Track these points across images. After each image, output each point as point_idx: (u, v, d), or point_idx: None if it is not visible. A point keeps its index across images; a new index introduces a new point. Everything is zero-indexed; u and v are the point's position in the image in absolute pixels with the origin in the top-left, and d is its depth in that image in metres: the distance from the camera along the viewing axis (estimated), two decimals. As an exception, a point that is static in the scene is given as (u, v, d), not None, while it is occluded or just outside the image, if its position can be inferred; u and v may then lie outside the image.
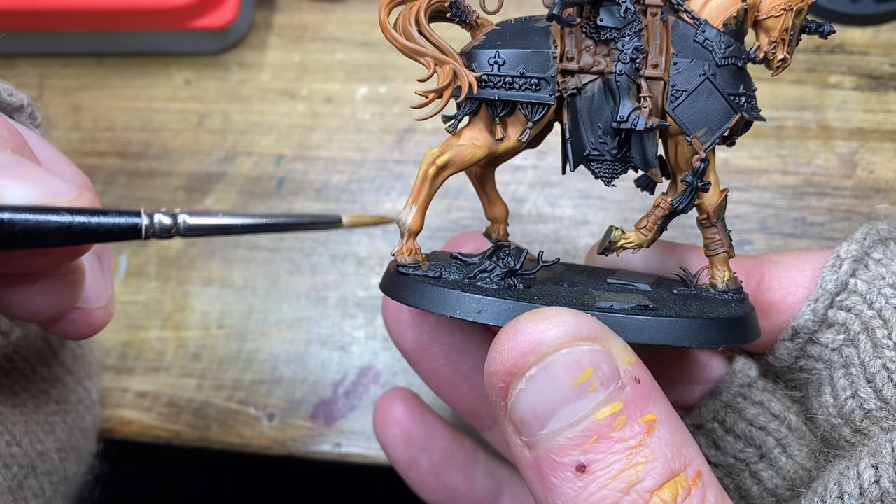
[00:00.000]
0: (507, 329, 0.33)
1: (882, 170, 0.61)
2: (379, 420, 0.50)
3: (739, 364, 0.44)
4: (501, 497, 0.50)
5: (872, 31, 0.64)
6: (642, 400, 0.32)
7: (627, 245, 0.40)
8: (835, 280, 0.41)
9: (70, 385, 0.52)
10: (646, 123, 0.38)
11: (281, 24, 0.72)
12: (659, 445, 0.31)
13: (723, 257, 0.41)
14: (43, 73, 0.73)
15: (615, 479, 0.30)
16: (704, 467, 0.32)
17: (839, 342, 0.41)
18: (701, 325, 0.36)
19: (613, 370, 0.32)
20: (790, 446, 0.42)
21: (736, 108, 0.38)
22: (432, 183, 0.40)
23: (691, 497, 0.31)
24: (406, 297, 0.38)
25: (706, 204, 0.40)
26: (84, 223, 0.32)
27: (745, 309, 0.39)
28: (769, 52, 0.39)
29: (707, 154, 0.39)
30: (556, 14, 0.37)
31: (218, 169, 0.68)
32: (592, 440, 0.31)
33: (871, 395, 0.39)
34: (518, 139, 0.40)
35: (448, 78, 0.39)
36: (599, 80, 0.39)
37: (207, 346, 0.63)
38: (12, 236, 0.32)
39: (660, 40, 0.39)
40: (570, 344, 0.32)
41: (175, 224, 0.34)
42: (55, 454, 0.49)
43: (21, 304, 0.37)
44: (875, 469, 0.34)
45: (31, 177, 0.33)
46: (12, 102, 0.44)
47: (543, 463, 0.31)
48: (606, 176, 0.41)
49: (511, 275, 0.38)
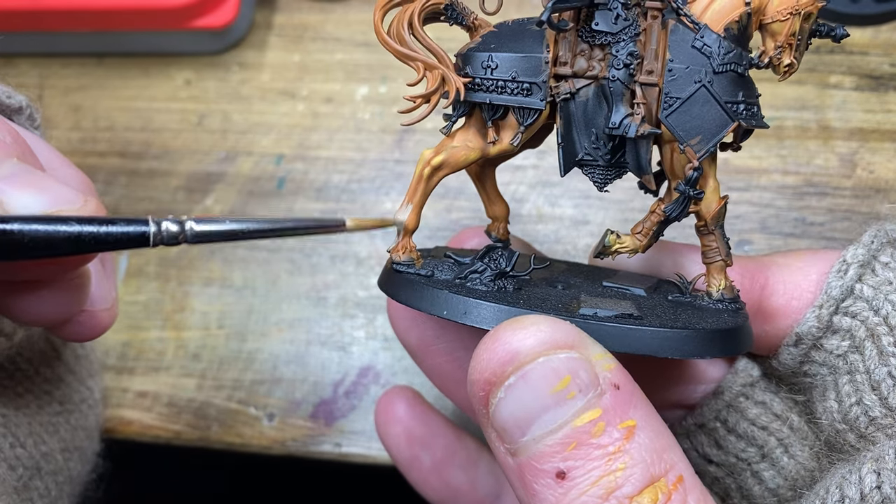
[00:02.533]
0: (487, 339, 0.33)
1: (882, 170, 0.61)
2: (381, 418, 0.50)
3: (742, 364, 0.44)
4: (503, 495, 0.50)
5: (872, 31, 0.64)
6: (622, 406, 0.32)
7: (622, 250, 0.40)
8: (840, 286, 0.40)
9: (73, 385, 0.52)
10: (637, 131, 0.38)
11: (281, 24, 0.72)
12: (639, 451, 0.31)
13: (719, 265, 0.40)
14: (43, 74, 0.73)
15: (594, 486, 0.31)
16: (687, 472, 0.32)
17: (844, 348, 0.41)
18: (685, 337, 0.35)
19: (592, 377, 0.32)
20: (792, 446, 0.42)
21: (733, 116, 0.37)
22: (427, 183, 0.40)
23: (671, 502, 0.31)
24: (398, 295, 0.39)
25: (704, 211, 0.39)
26: (92, 232, 0.33)
27: (737, 320, 0.38)
28: (774, 57, 0.38)
29: (702, 162, 0.38)
30: (544, 19, 0.37)
31: (218, 169, 0.68)
32: (572, 447, 0.31)
33: (876, 403, 0.39)
34: (510, 143, 0.40)
35: (436, 83, 0.39)
36: (594, 84, 0.39)
37: (207, 346, 0.63)
38: (22, 246, 0.32)
39: (656, 45, 0.38)
40: (547, 352, 0.32)
41: (182, 231, 0.34)
42: (59, 454, 0.49)
43: (29, 310, 0.37)
44: (877, 474, 0.34)
45: (39, 185, 0.33)
46: (11, 104, 0.44)
47: (525, 470, 0.32)
48: (599, 181, 0.40)
49: (502, 276, 0.38)
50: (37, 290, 0.37)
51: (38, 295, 0.37)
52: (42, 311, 0.37)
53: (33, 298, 0.37)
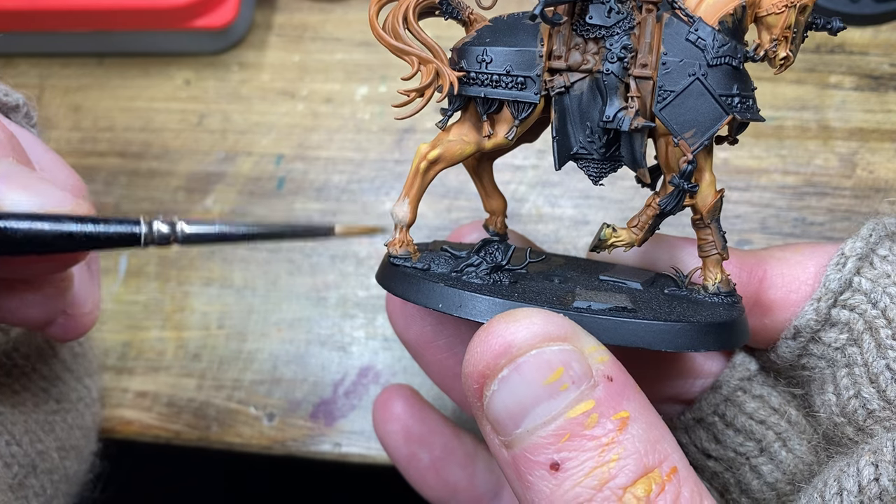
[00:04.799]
0: (480, 332, 0.33)
1: (882, 170, 0.61)
2: (378, 417, 0.50)
3: (739, 358, 0.44)
4: (502, 493, 0.50)
5: (872, 31, 0.64)
6: (615, 398, 0.32)
7: (618, 243, 0.40)
8: (838, 279, 0.40)
9: (70, 383, 0.52)
10: (630, 124, 0.38)
11: (281, 24, 0.72)
12: (632, 442, 0.31)
13: (716, 259, 0.40)
14: (43, 73, 0.73)
15: (588, 477, 0.31)
16: (682, 463, 0.32)
17: (842, 341, 0.41)
18: (679, 330, 0.35)
19: (585, 369, 0.32)
20: (790, 440, 0.42)
21: (728, 109, 0.37)
22: (424, 177, 0.40)
23: (665, 493, 0.31)
24: (395, 288, 0.39)
25: (700, 204, 0.39)
26: (84, 231, 0.33)
27: (732, 313, 0.38)
28: (770, 51, 0.38)
29: (696, 156, 0.38)
30: (538, 13, 0.37)
31: (218, 169, 0.68)
32: (565, 438, 0.31)
33: (874, 396, 0.39)
34: (505, 137, 0.40)
35: (430, 77, 0.39)
36: (588, 78, 0.39)
37: (207, 346, 0.63)
38: (14, 242, 0.32)
39: (651, 39, 0.38)
40: (540, 345, 0.32)
41: (173, 232, 0.35)
42: (55, 453, 0.49)
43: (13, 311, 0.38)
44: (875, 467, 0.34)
45: (32, 186, 0.34)
46: (8, 102, 0.44)
47: (520, 462, 0.32)
48: (594, 175, 0.40)
49: (497, 270, 0.38)
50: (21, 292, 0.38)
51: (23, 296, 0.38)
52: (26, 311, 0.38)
53: (18, 299, 0.38)
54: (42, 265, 0.36)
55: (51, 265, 0.36)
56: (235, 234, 0.36)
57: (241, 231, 0.36)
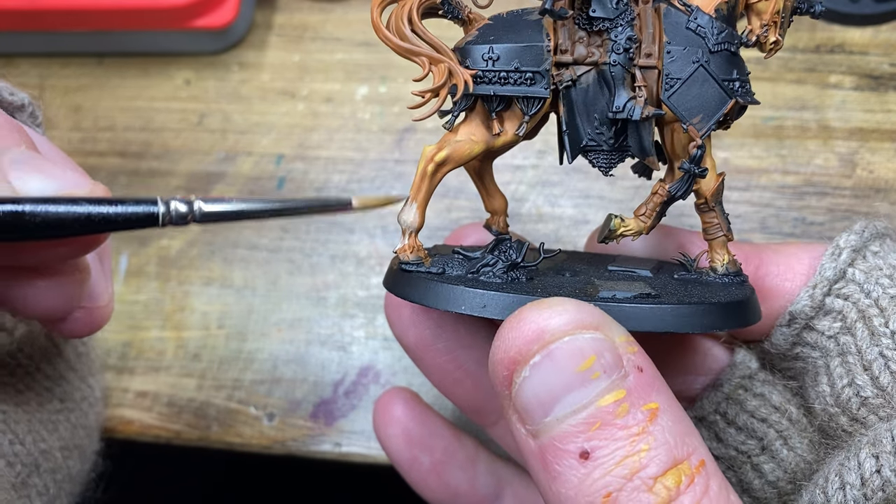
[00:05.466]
0: (512, 318, 0.33)
1: (882, 170, 0.61)
2: (379, 419, 0.50)
3: (740, 356, 0.44)
4: (503, 496, 0.50)
5: (872, 31, 0.64)
6: (645, 388, 0.32)
7: (627, 232, 0.41)
8: (833, 268, 0.41)
9: (74, 383, 0.52)
10: (641, 113, 0.38)
11: (281, 24, 0.72)
12: (662, 433, 0.31)
13: (721, 240, 0.41)
14: (43, 73, 0.73)
15: (619, 466, 0.30)
16: (708, 457, 0.32)
17: (836, 330, 0.41)
18: (703, 311, 0.36)
19: (616, 358, 0.32)
20: (791, 438, 0.42)
21: (731, 93, 0.39)
22: (431, 179, 0.40)
23: (694, 485, 0.31)
24: (410, 294, 0.38)
25: (704, 188, 0.40)
26: (101, 213, 0.33)
27: (745, 292, 0.39)
28: (761, 36, 0.39)
29: (703, 140, 0.39)
30: (548, 8, 0.38)
31: (218, 169, 0.68)
32: (596, 427, 0.31)
33: (867, 383, 0.39)
34: (515, 133, 0.40)
35: (443, 76, 0.39)
36: (594, 70, 0.39)
37: (207, 346, 0.63)
38: (33, 226, 0.32)
39: (652, 29, 0.39)
40: (573, 332, 0.32)
41: (191, 211, 0.34)
42: (59, 452, 0.49)
43: (30, 302, 0.38)
44: (876, 458, 0.34)
45: (48, 170, 0.34)
46: (13, 101, 0.44)
47: (547, 451, 0.32)
48: (604, 166, 0.41)
49: (513, 268, 0.38)
50: (38, 280, 0.37)
51: (39, 286, 0.37)
52: (42, 302, 0.38)
53: (34, 290, 0.37)
54: (60, 250, 0.36)
55: (69, 249, 0.36)
56: (254, 210, 0.36)
57: (260, 207, 0.36)
